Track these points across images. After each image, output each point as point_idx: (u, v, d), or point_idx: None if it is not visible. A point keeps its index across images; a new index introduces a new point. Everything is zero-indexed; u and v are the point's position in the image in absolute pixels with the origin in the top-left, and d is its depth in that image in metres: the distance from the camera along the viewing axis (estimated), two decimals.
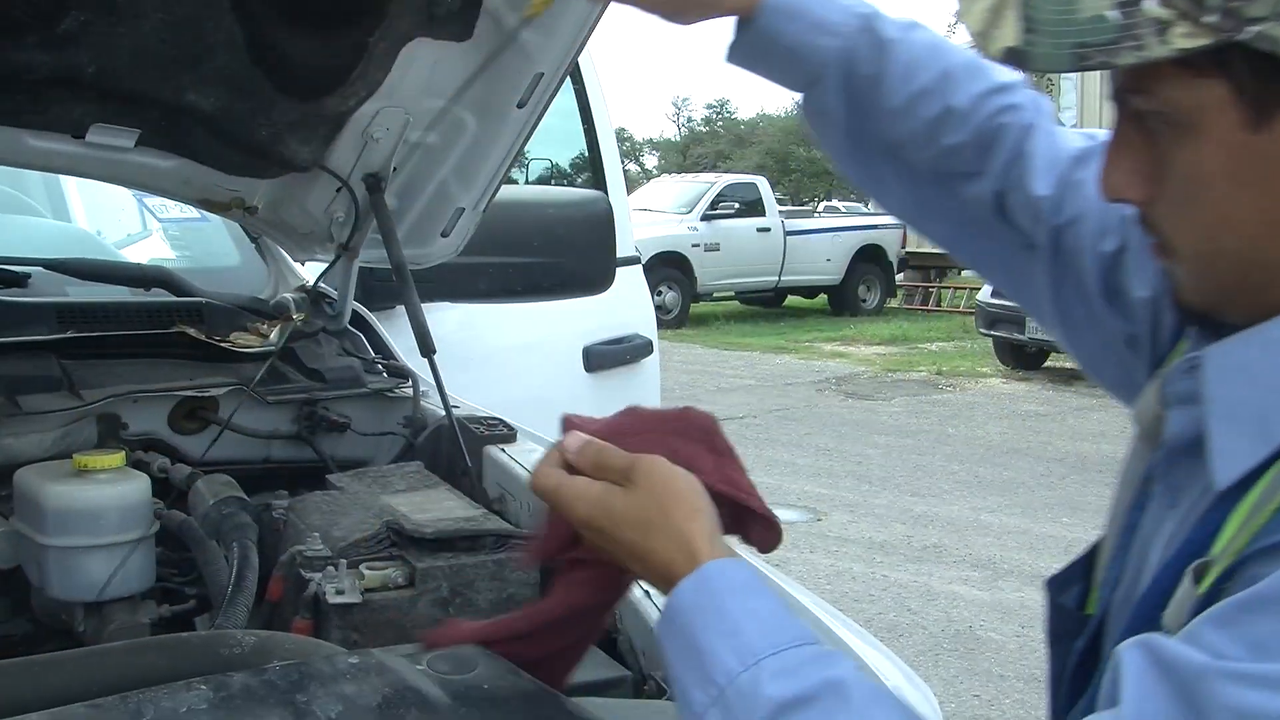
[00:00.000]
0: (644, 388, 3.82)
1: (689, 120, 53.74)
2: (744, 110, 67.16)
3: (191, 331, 2.14)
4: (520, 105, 1.97)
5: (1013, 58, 0.82)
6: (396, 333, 2.33)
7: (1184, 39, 0.76)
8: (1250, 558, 0.77)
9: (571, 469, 0.95)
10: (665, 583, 0.89)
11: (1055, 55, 0.80)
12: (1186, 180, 0.82)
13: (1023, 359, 12.96)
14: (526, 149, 2.16)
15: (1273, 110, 0.78)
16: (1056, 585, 1.05)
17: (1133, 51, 0.77)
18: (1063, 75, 22.05)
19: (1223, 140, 0.79)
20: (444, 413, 1.97)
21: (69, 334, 2.05)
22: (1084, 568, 1.04)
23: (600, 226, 2.91)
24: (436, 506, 1.62)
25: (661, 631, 0.89)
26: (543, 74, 1.91)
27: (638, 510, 0.90)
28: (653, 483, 0.91)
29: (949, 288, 19.74)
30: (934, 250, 20.96)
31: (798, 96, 1.22)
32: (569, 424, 0.97)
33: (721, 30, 1.19)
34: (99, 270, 2.39)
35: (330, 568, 1.41)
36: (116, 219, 3.11)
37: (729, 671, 0.83)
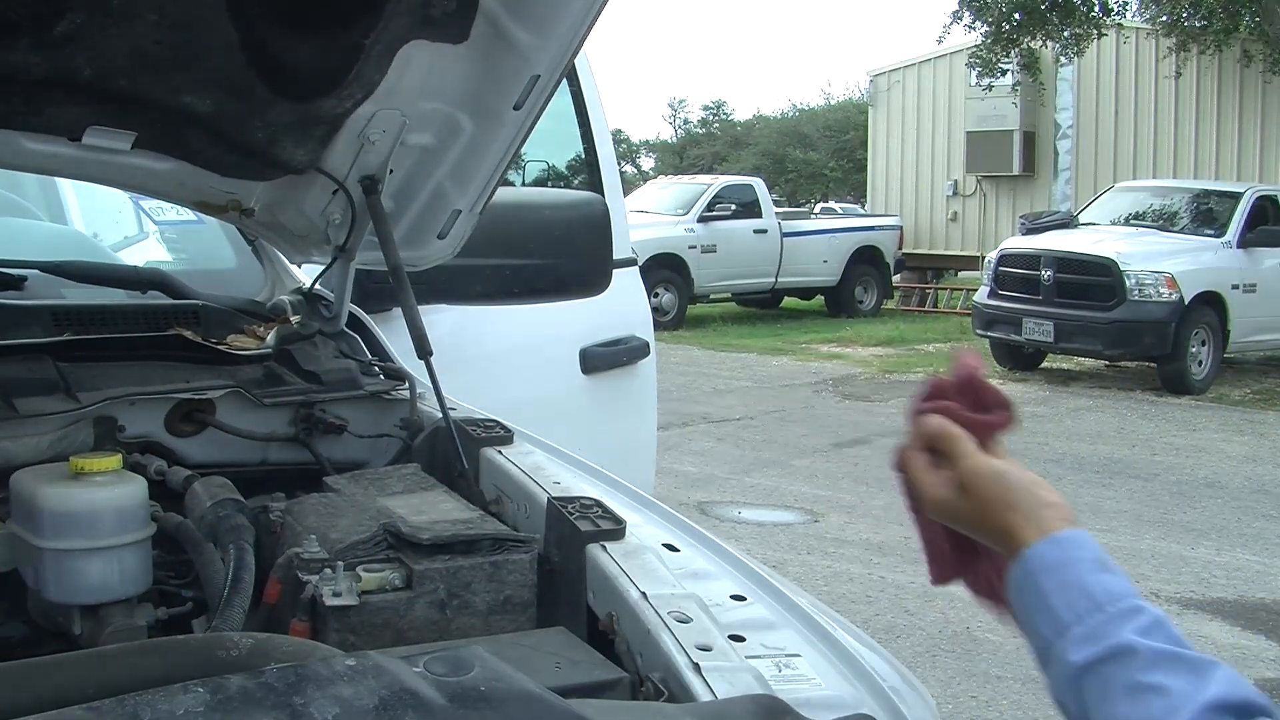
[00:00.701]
0: (641, 390, 3.82)
1: (685, 122, 53.71)
2: (740, 112, 67.21)
3: (188, 334, 2.14)
4: (517, 107, 1.97)
5: None
6: (393, 335, 2.33)
7: None
8: None
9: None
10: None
11: None
12: None
13: (1019, 360, 12.99)
14: (523, 151, 2.16)
15: None
16: None
17: None
18: (1059, 76, 21.73)
19: None
20: (441, 415, 1.96)
21: (65, 336, 2.05)
22: None
23: (597, 228, 2.91)
24: (433, 509, 1.62)
25: (1012, 608, 1.06)
26: (539, 76, 1.91)
27: (968, 516, 1.10)
28: (975, 490, 1.09)
29: (945, 289, 19.75)
30: (930, 252, 20.99)
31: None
32: (933, 389, 1.16)
33: (720, 32, 1.19)
34: (95, 273, 2.39)
35: (327, 570, 1.41)
36: (113, 222, 3.10)
37: (1048, 641, 1.00)
